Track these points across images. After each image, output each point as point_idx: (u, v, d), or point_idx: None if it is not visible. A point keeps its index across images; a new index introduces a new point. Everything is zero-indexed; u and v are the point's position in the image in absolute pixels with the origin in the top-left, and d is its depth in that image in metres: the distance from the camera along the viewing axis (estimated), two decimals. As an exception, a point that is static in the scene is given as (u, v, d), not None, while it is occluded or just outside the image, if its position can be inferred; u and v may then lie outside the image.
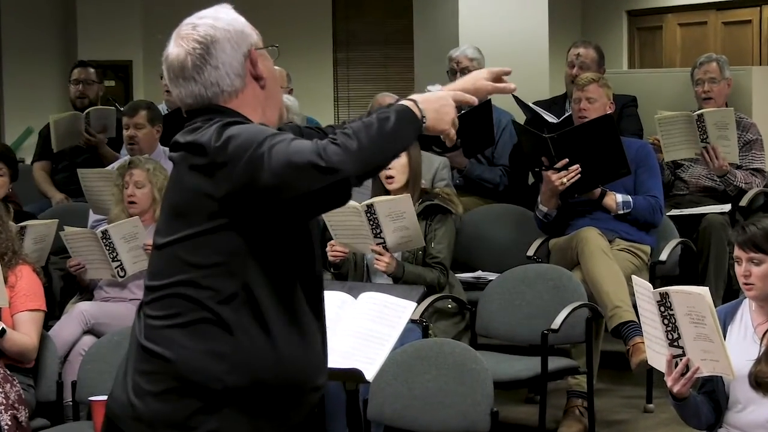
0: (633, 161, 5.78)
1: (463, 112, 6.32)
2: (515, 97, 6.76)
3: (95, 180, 6.37)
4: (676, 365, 3.62)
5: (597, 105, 5.98)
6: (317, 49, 10.65)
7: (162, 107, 7.23)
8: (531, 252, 6.01)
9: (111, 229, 5.56)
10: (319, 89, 10.49)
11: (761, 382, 3.69)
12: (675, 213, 6.31)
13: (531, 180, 6.63)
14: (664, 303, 3.55)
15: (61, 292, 6.01)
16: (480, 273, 6.13)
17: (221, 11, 2.66)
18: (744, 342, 3.79)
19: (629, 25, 10.61)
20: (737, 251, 3.82)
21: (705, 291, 3.51)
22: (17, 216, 5.87)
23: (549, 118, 6.64)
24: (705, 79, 6.55)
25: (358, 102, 10.83)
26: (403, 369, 4.43)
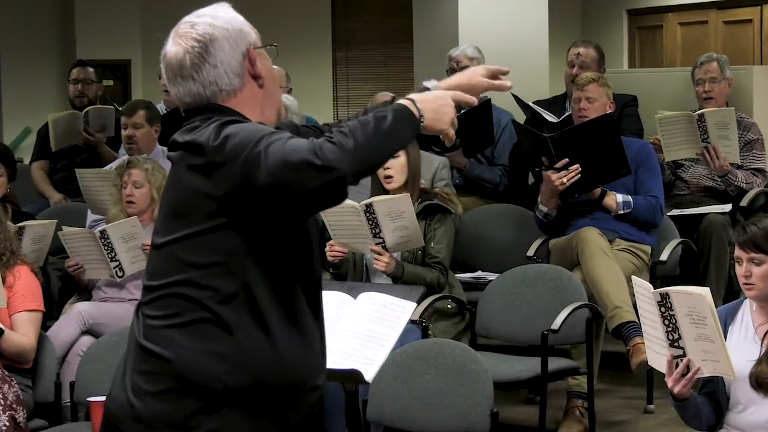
0: (633, 161, 5.77)
1: (463, 111, 6.31)
2: (515, 97, 6.75)
3: (93, 180, 6.36)
4: (676, 366, 3.62)
5: (597, 104, 5.97)
6: (316, 48, 10.62)
7: (160, 107, 7.22)
8: (531, 252, 6.00)
9: (109, 229, 5.55)
10: (319, 88, 10.47)
11: (762, 382, 3.69)
12: (675, 213, 6.30)
13: (531, 180, 6.62)
14: (664, 303, 3.55)
15: (60, 292, 6.01)
16: (480, 273, 6.12)
17: (220, 10, 2.65)
18: (745, 342, 3.79)
19: (629, 25, 10.59)
20: (738, 251, 3.82)
21: (705, 291, 3.51)
22: (15, 216, 5.85)
23: (549, 117, 6.63)
24: (705, 79, 6.54)
25: (357, 101, 10.80)
26: (403, 369, 4.42)
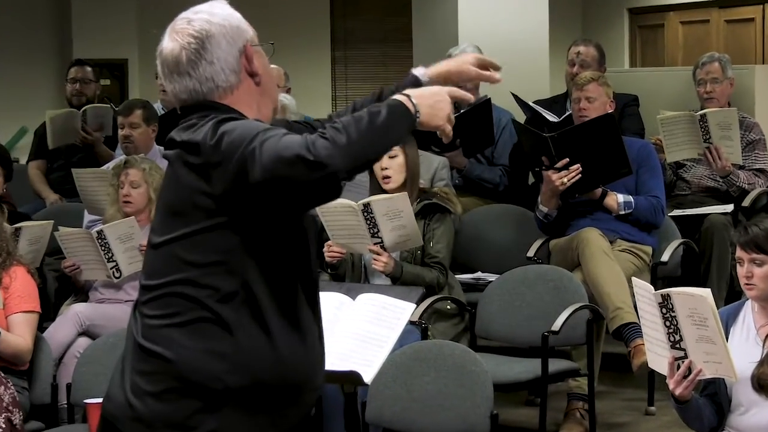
0: (634, 161, 5.76)
1: (463, 111, 6.29)
2: (515, 96, 6.73)
3: (90, 180, 6.34)
4: (678, 367, 3.61)
5: (597, 104, 5.96)
6: (315, 47, 10.61)
7: (157, 106, 7.20)
8: (531, 253, 5.98)
9: (106, 230, 5.54)
10: (317, 88, 10.45)
11: (764, 384, 3.69)
12: (677, 213, 6.29)
13: (531, 180, 6.61)
14: (665, 305, 3.56)
15: (56, 293, 6.01)
16: (480, 274, 6.11)
17: (217, 6, 2.65)
18: (746, 344, 3.79)
19: (630, 24, 10.57)
20: (739, 252, 3.82)
21: (707, 292, 3.51)
22: (11, 217, 5.83)
23: (549, 117, 6.60)
24: (707, 80, 6.51)
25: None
26: (402, 371, 4.41)
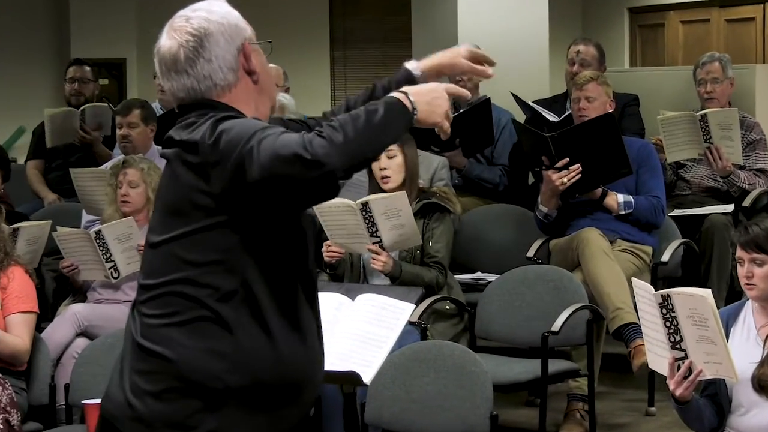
0: (634, 161, 5.75)
1: (462, 111, 6.28)
2: (514, 96, 6.72)
3: (88, 179, 6.33)
4: (678, 368, 3.61)
5: (596, 104, 5.94)
6: (314, 47, 10.60)
7: (156, 106, 7.19)
8: (531, 253, 5.97)
9: (105, 230, 5.53)
10: (316, 87, 10.44)
11: (764, 385, 3.69)
12: (677, 213, 6.28)
13: (531, 180, 6.60)
14: (666, 305, 3.55)
15: (54, 293, 5.99)
16: (479, 274, 6.10)
17: (215, 4, 2.65)
18: (747, 344, 3.78)
19: (631, 23, 10.56)
20: (739, 252, 3.82)
21: (707, 293, 3.51)
22: (9, 217, 5.82)
23: (549, 116, 6.59)
24: (707, 80, 6.50)
25: (355, 100, 10.76)
26: (401, 372, 4.40)
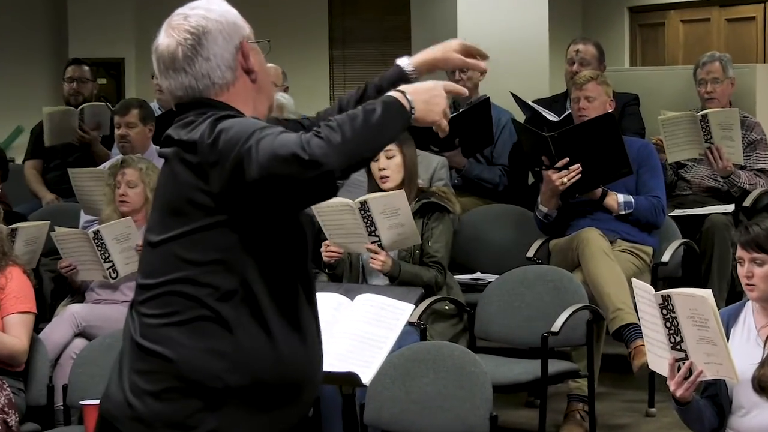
0: (635, 161, 5.74)
1: (462, 110, 6.27)
2: (514, 96, 6.70)
3: (86, 180, 6.32)
4: (678, 369, 3.61)
5: (596, 103, 5.93)
6: (313, 46, 10.60)
7: (154, 106, 7.17)
8: (531, 253, 5.96)
9: (103, 230, 5.52)
10: (315, 87, 10.42)
11: (765, 386, 3.69)
12: (678, 213, 6.27)
13: (531, 180, 6.59)
14: (666, 306, 3.56)
15: (52, 294, 6.00)
16: (479, 275, 6.09)
17: (214, 3, 2.65)
18: (747, 345, 3.78)
19: (631, 22, 10.56)
20: (740, 252, 3.82)
21: (708, 293, 3.51)
22: (7, 217, 5.82)
23: (549, 116, 6.57)
24: (708, 80, 6.48)
25: (354, 100, 10.75)
26: (401, 372, 4.39)
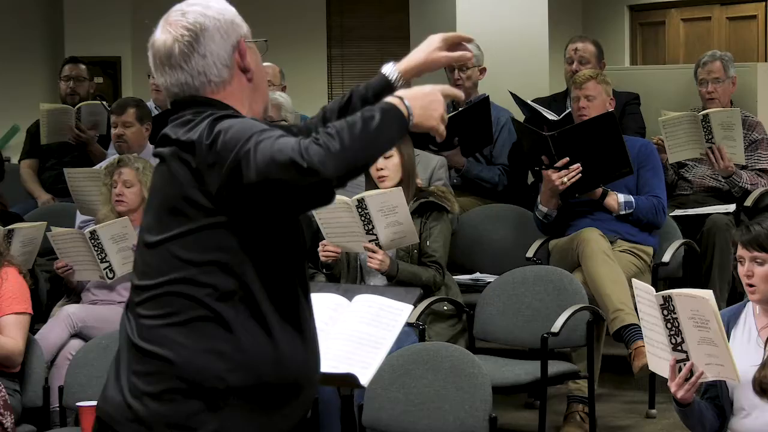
0: (635, 160, 5.73)
1: (461, 109, 6.25)
2: (513, 96, 6.68)
3: (82, 179, 6.31)
4: (679, 370, 3.60)
5: (596, 102, 5.91)
6: (311, 45, 10.58)
7: (150, 105, 7.15)
8: (530, 253, 5.95)
9: (99, 230, 5.51)
10: (313, 86, 10.40)
11: (765, 387, 3.67)
12: (678, 213, 6.26)
13: (531, 179, 6.57)
14: (667, 306, 3.56)
15: (48, 294, 6.00)
16: (478, 275, 6.08)
17: (212, 0, 2.63)
18: (748, 346, 3.77)
19: (631, 21, 10.54)
20: (740, 251, 3.81)
21: (709, 294, 3.51)
22: (3, 216, 5.83)
23: (549, 115, 6.55)
24: (709, 80, 6.46)
25: (353, 99, 10.75)
26: (400, 373, 4.39)
